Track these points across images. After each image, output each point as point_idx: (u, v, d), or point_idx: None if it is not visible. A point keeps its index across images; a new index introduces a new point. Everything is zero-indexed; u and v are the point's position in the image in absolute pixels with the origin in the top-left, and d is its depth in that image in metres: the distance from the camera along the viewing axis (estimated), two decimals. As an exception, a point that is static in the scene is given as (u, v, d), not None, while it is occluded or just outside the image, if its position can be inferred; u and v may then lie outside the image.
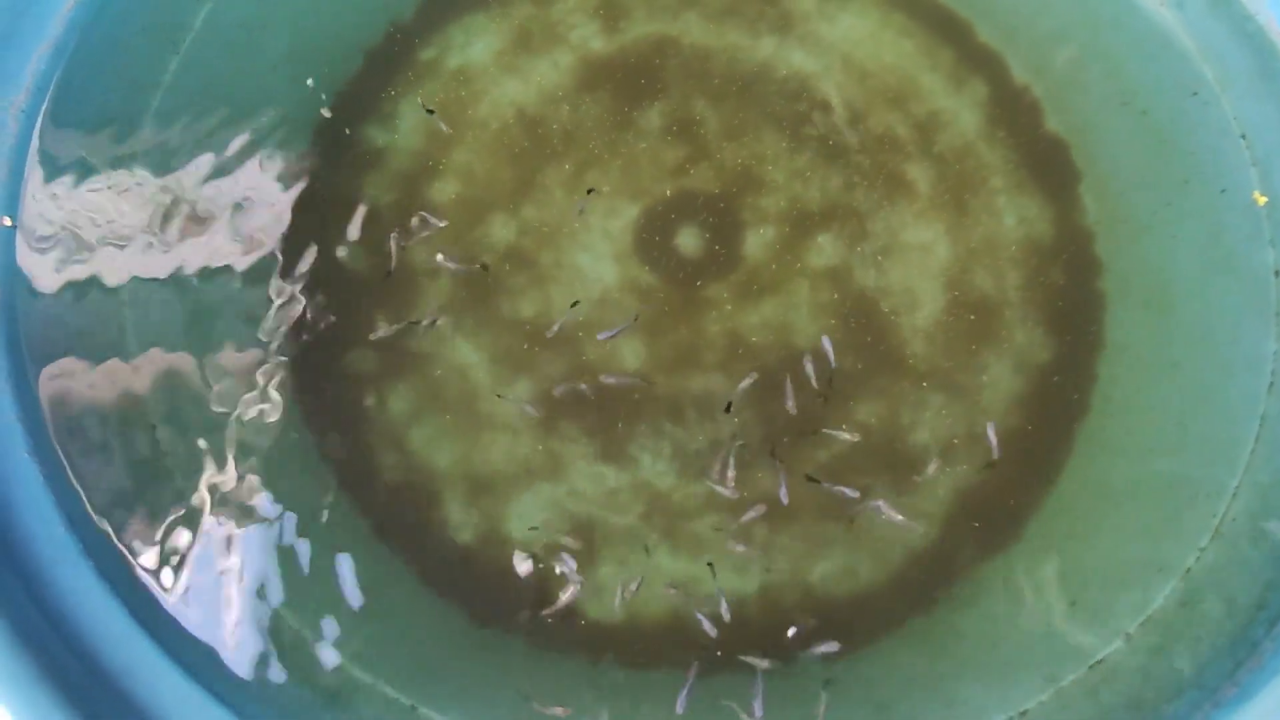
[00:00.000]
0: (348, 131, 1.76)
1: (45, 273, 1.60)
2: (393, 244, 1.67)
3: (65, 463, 1.47)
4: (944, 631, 1.43)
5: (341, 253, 1.70)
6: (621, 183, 1.75)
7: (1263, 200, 1.56)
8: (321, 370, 1.63)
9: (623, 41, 1.87)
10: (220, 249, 1.66)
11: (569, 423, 1.59)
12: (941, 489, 1.54)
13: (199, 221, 1.66)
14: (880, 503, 1.49)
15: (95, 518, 1.44)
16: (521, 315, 1.67)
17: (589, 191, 1.65)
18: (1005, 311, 1.66)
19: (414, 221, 1.68)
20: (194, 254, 1.66)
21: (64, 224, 1.58)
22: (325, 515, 1.54)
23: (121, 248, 1.64)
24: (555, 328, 1.60)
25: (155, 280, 1.63)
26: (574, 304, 1.59)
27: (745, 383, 1.55)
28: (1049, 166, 1.74)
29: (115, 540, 1.44)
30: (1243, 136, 1.62)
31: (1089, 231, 1.68)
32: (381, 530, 1.52)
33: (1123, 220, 1.66)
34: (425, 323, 1.58)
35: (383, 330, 1.59)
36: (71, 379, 1.53)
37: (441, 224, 1.67)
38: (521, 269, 1.69)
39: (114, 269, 1.63)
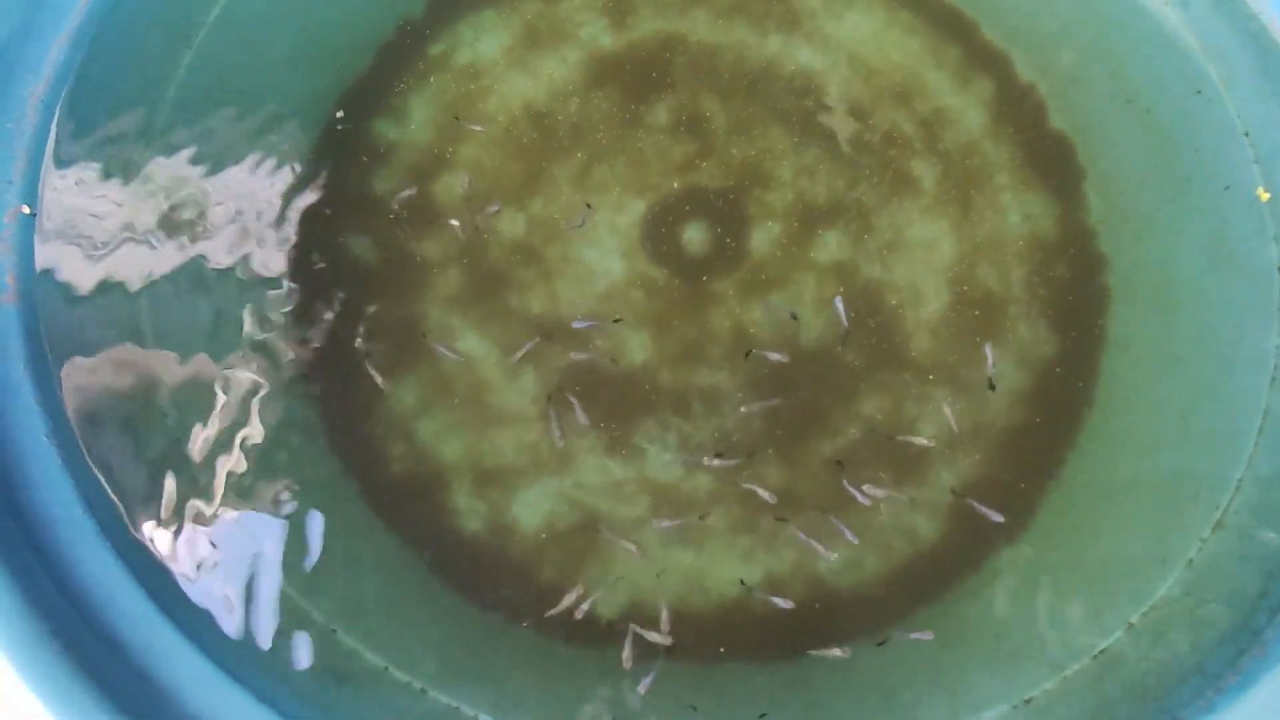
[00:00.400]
0: (357, 127, 1.78)
1: (64, 262, 1.61)
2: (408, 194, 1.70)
3: (83, 447, 1.48)
4: (950, 621, 1.44)
5: (352, 245, 1.71)
6: (629, 178, 1.77)
7: (1265, 197, 1.57)
8: (332, 361, 1.64)
9: (631, 38, 1.88)
10: (232, 241, 1.68)
11: (575, 417, 1.60)
12: (947, 482, 1.55)
13: (211, 214, 1.68)
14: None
15: (113, 500, 1.45)
16: (530, 310, 1.68)
17: (587, 206, 1.66)
18: (1010, 307, 1.67)
19: (490, 208, 1.69)
20: (207, 245, 1.68)
21: (81, 214, 1.60)
22: (336, 503, 1.55)
23: (136, 239, 1.65)
24: (518, 356, 1.61)
25: (169, 272, 1.64)
26: (535, 341, 1.59)
27: (776, 356, 1.55)
28: (1053, 164, 1.75)
29: (131, 523, 1.46)
30: (1246, 134, 1.63)
31: (1093, 228, 1.70)
32: (391, 519, 1.53)
33: (1127, 217, 1.67)
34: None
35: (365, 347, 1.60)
36: (89, 366, 1.54)
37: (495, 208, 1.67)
38: (529, 263, 1.70)
39: (129, 260, 1.64)
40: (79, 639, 1.23)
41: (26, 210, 1.51)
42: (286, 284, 1.64)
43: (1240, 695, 1.22)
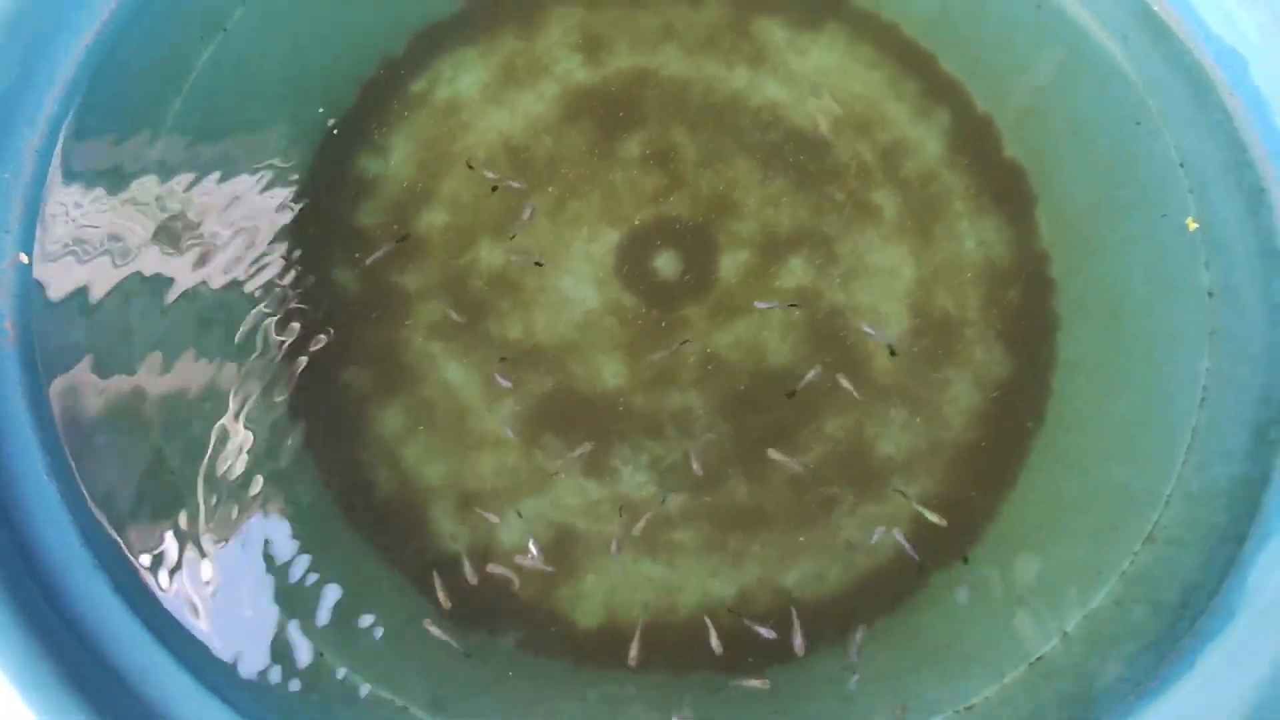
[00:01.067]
0: (341, 162, 1.86)
1: (59, 306, 1.68)
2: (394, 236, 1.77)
3: (80, 483, 1.55)
4: (905, 631, 1.52)
5: (338, 275, 1.79)
6: (603, 209, 1.85)
7: (1194, 226, 1.65)
8: (318, 387, 1.72)
9: (604, 74, 1.96)
10: (225, 280, 1.75)
11: (553, 438, 1.68)
12: (907, 498, 1.64)
13: (204, 254, 1.75)
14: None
15: (111, 534, 1.52)
16: (509, 337, 1.76)
17: (537, 264, 1.75)
18: (966, 330, 1.75)
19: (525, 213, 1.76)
20: (198, 278, 1.75)
21: (75, 258, 1.67)
22: (324, 527, 1.62)
23: (131, 282, 1.73)
24: (576, 454, 1.67)
25: (166, 313, 1.71)
26: (587, 447, 1.67)
27: (810, 374, 1.63)
28: (1007, 191, 1.84)
29: (126, 554, 1.52)
30: (1181, 165, 1.71)
31: (1044, 254, 1.78)
32: (376, 541, 1.61)
33: (1075, 243, 1.75)
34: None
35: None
36: (86, 406, 1.61)
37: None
38: (507, 293, 1.78)
39: (124, 303, 1.72)
40: (81, 665, 1.31)
41: (24, 259, 1.59)
42: (277, 319, 1.71)
43: (1157, 699, 1.30)
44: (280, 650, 1.51)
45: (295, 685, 1.48)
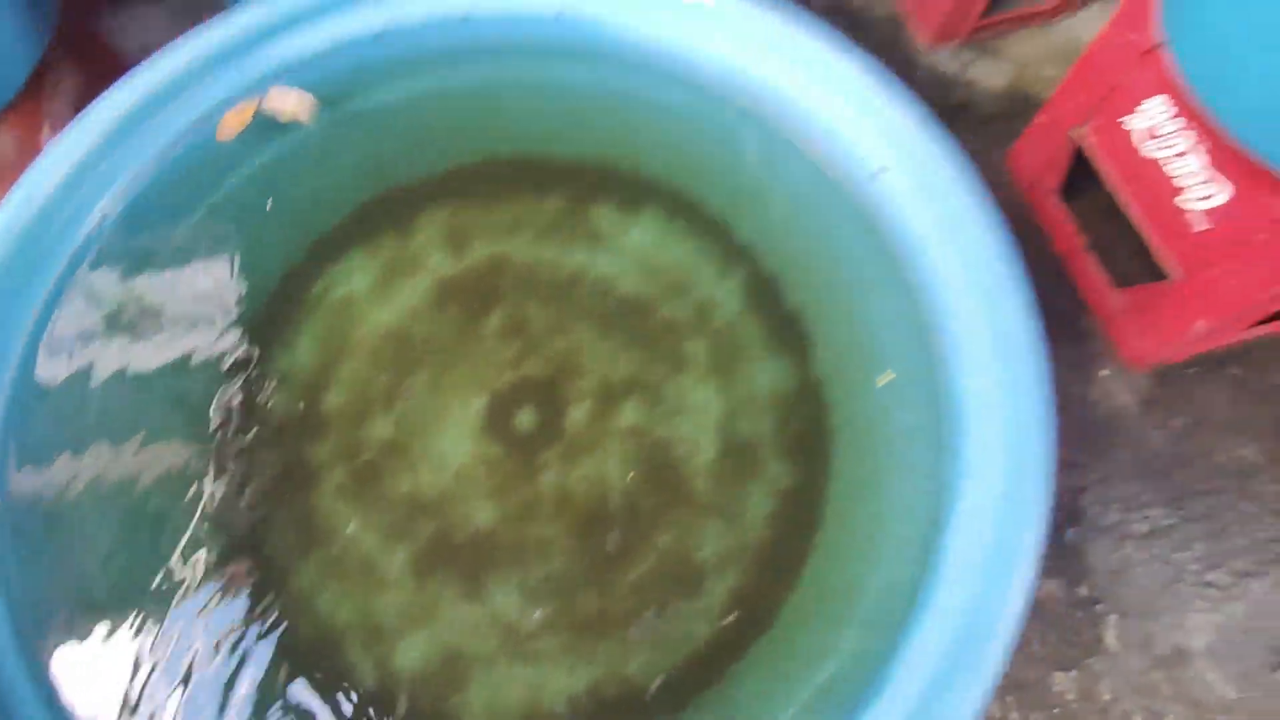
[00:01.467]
0: (260, 357, 2.30)
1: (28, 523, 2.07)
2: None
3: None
4: (722, 701, 1.95)
5: (260, 454, 2.21)
6: (470, 378, 2.30)
7: (891, 377, 2.13)
8: (245, 550, 2.13)
9: (467, 263, 2.44)
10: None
11: (437, 575, 2.11)
12: (719, 593, 2.08)
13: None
14: None
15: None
16: (401, 491, 2.19)
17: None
18: (761, 450, 2.22)
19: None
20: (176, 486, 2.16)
21: (49, 483, 2.07)
22: (265, 664, 2.01)
23: (105, 488, 2.13)
24: None
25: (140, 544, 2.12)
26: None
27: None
28: (790, 335, 2.33)
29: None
30: (890, 325, 2.21)
31: (821, 384, 2.26)
32: (307, 675, 2.00)
33: (842, 377, 2.24)
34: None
35: None
36: (70, 640, 2.00)
37: None
38: (396, 456, 2.22)
39: (95, 513, 2.12)
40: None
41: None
42: (203, 506, 2.13)
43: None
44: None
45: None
